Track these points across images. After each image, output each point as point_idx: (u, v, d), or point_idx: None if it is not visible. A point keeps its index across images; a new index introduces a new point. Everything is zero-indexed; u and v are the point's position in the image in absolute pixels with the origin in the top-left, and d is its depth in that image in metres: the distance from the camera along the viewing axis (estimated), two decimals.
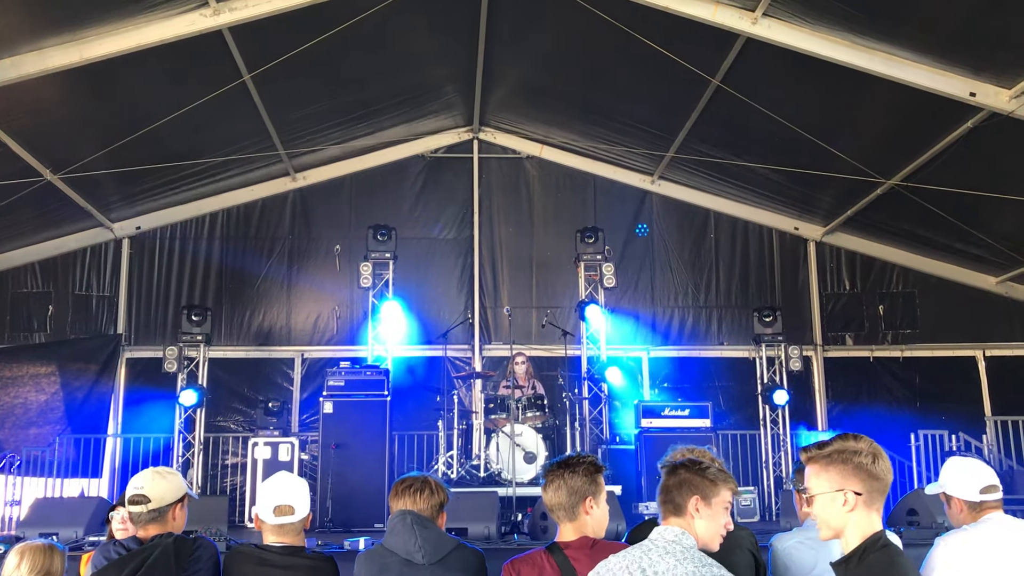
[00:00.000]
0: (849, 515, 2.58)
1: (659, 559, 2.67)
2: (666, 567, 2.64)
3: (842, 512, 2.58)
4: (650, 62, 9.69)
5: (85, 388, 11.93)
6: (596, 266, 11.52)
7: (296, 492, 3.53)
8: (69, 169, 10.31)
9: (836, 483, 2.60)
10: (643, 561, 2.67)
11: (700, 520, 2.86)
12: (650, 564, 2.65)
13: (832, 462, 2.63)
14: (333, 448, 9.38)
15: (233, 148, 11.39)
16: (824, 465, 2.64)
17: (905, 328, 12.92)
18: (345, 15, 8.99)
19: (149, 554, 3.37)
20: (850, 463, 2.61)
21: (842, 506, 2.58)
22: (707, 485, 2.90)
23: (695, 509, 2.86)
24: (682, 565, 2.64)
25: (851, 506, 2.57)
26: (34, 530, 6.83)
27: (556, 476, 3.32)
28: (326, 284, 12.76)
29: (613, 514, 6.85)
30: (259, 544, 3.53)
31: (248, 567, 3.43)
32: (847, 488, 2.58)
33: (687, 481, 2.91)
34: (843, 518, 2.59)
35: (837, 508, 2.59)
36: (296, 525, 3.50)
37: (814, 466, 2.66)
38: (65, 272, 12.45)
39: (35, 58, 8.35)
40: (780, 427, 11.76)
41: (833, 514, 2.60)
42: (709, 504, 2.88)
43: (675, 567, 2.64)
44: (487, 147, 13.23)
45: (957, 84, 8.58)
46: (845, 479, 2.60)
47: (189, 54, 9.00)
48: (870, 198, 11.35)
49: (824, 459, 2.65)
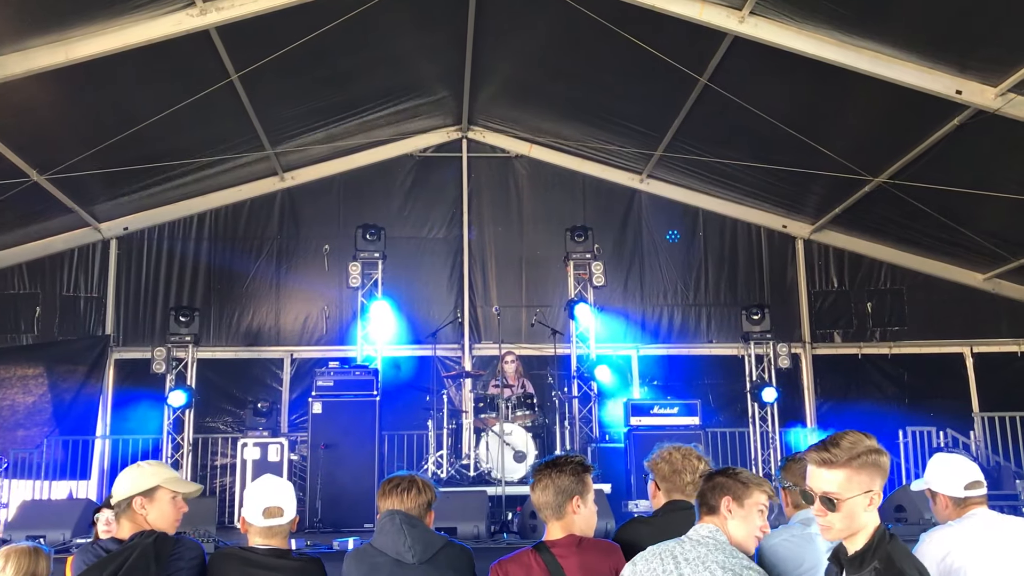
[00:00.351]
0: (868, 515, 2.57)
1: (691, 549, 2.87)
2: (697, 555, 2.83)
3: (867, 513, 2.57)
4: (638, 61, 9.70)
5: (73, 390, 11.88)
6: (585, 265, 11.52)
7: (284, 495, 3.51)
8: (56, 170, 10.26)
9: (866, 484, 2.57)
10: (676, 550, 2.88)
11: (733, 520, 3.01)
12: (682, 552, 2.86)
13: (864, 465, 2.58)
14: (322, 448, 9.36)
15: (221, 148, 11.36)
16: (856, 469, 2.57)
17: (893, 325, 12.97)
18: (333, 14, 8.96)
19: (128, 555, 3.31)
20: (877, 465, 2.60)
21: (868, 507, 2.56)
22: (739, 487, 3.05)
23: (727, 509, 3.01)
24: (712, 554, 2.83)
25: (875, 505, 2.57)
26: (21, 532, 6.80)
27: (544, 475, 3.35)
28: (315, 284, 12.74)
29: (602, 512, 6.86)
30: (244, 546, 3.51)
31: (233, 569, 3.41)
32: (875, 488, 2.58)
33: (720, 484, 3.08)
34: (866, 519, 2.57)
35: (862, 509, 2.56)
36: (284, 527, 3.48)
37: (844, 470, 2.58)
38: (53, 273, 12.40)
39: (20, 58, 8.31)
40: (769, 424, 11.79)
41: (860, 516, 2.56)
42: (742, 505, 3.02)
43: (706, 555, 2.83)
44: (476, 146, 13.22)
45: (943, 82, 8.62)
46: (873, 479, 2.58)
47: (176, 54, 8.96)
48: (858, 196, 11.38)
49: (855, 462, 2.58)
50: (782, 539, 3.53)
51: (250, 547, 3.46)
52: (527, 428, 9.72)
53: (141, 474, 3.58)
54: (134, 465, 3.65)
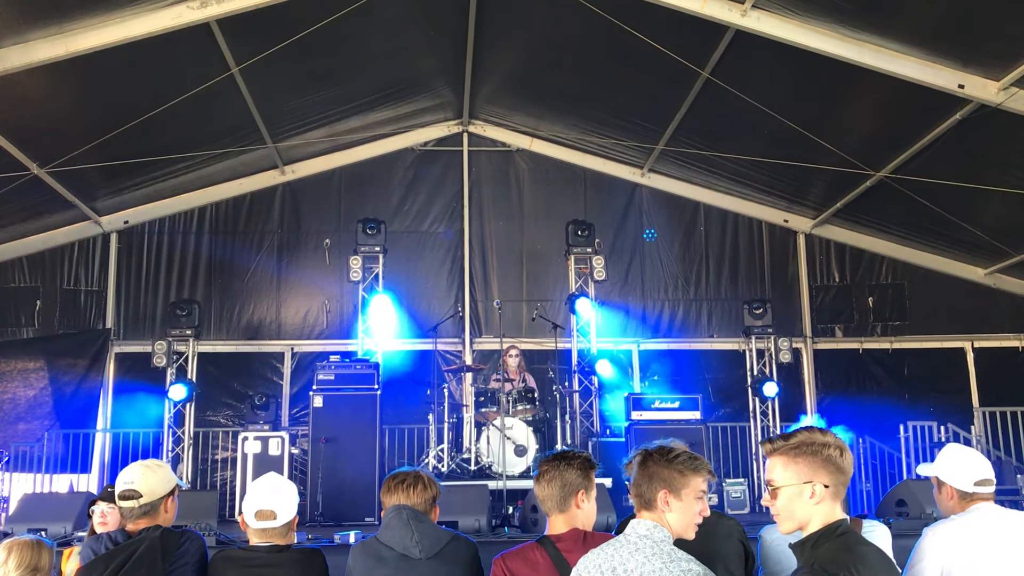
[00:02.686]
0: (816, 508, 2.55)
1: (629, 556, 2.65)
2: (635, 564, 2.62)
3: (809, 505, 2.55)
4: (639, 54, 9.68)
5: (74, 383, 11.89)
6: (586, 259, 11.50)
7: (279, 496, 3.44)
8: (56, 163, 10.25)
9: (804, 475, 2.56)
10: (614, 559, 2.66)
11: (671, 513, 2.80)
12: (620, 563, 2.64)
13: (801, 454, 2.58)
14: (323, 442, 9.36)
15: (222, 141, 11.35)
16: (792, 457, 2.59)
17: (894, 320, 12.97)
18: (334, 7, 8.95)
19: (136, 548, 3.35)
20: (819, 455, 2.57)
21: (809, 499, 2.54)
22: (675, 478, 2.82)
23: (664, 503, 2.80)
24: (650, 562, 2.61)
25: (818, 499, 2.54)
26: (22, 526, 6.80)
27: (552, 468, 3.33)
28: (316, 278, 12.72)
29: (604, 506, 6.89)
30: (244, 546, 3.50)
31: (233, 572, 3.40)
32: (816, 481, 2.55)
33: (655, 474, 2.84)
34: (809, 511, 2.55)
35: (804, 501, 2.55)
36: (279, 529, 3.42)
37: (781, 458, 2.61)
38: (53, 266, 12.39)
39: (20, 51, 8.29)
40: (770, 419, 11.78)
41: (800, 507, 2.56)
42: (679, 497, 2.81)
43: (643, 564, 2.61)
44: (477, 140, 13.19)
45: (946, 76, 8.60)
46: (814, 472, 2.56)
47: (176, 47, 8.94)
48: (859, 190, 11.37)
49: (792, 451, 2.59)
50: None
51: (250, 546, 3.45)
52: (528, 422, 9.71)
53: (166, 474, 3.63)
54: (147, 464, 3.64)
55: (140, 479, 3.53)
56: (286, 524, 3.44)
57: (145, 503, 3.50)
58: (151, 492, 3.52)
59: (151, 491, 3.52)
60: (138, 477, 3.54)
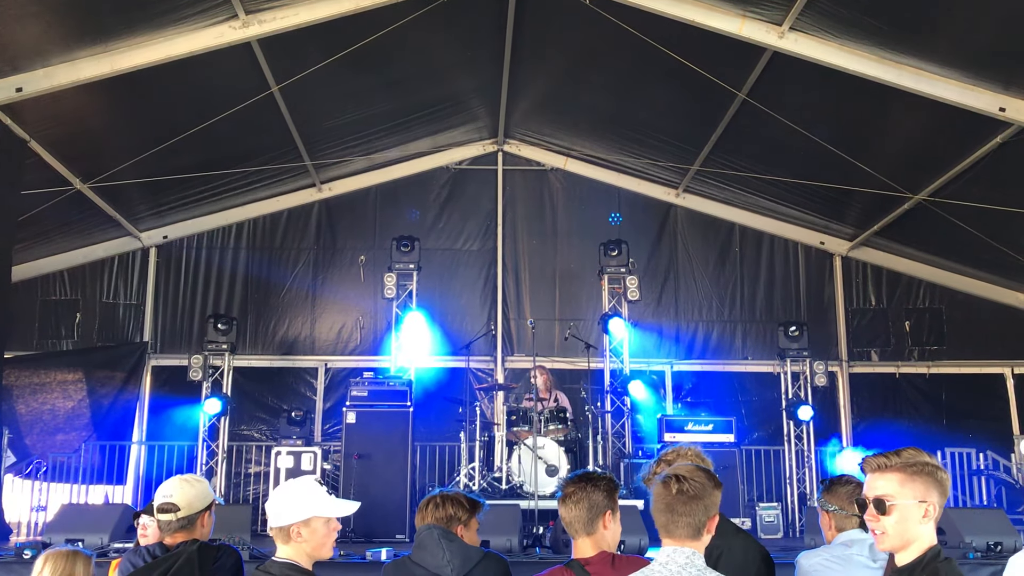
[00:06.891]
0: (923, 528, 2.55)
1: None
2: None
3: (919, 524, 2.55)
4: (676, 75, 9.68)
5: (111, 395, 12.04)
6: (620, 279, 11.49)
7: (280, 496, 3.29)
8: (98, 179, 10.45)
9: (920, 494, 2.56)
10: None
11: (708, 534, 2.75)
12: None
13: (918, 473, 2.57)
14: (355, 458, 9.40)
15: (260, 159, 11.49)
16: (911, 475, 2.57)
17: (932, 344, 12.79)
18: (372, 28, 9.05)
19: (173, 562, 3.39)
20: (934, 476, 2.58)
21: (922, 518, 2.54)
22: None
23: (707, 532, 2.73)
24: None
25: (930, 519, 2.55)
26: (60, 536, 6.90)
27: (578, 489, 3.29)
28: (350, 294, 12.81)
29: (636, 529, 6.85)
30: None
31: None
32: (930, 500, 2.56)
33: (712, 505, 2.77)
34: (918, 531, 2.55)
35: (915, 520, 2.54)
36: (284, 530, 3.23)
37: (898, 474, 2.59)
38: (93, 280, 12.59)
39: (67, 69, 8.50)
40: (804, 443, 11.66)
41: (911, 525, 2.55)
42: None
43: None
44: (511, 159, 13.25)
45: (986, 99, 8.51)
46: (928, 491, 2.56)
47: (218, 66, 9.10)
48: (897, 213, 11.26)
49: (910, 469, 2.59)
50: (822, 559, 3.48)
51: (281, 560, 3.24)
52: (560, 442, 9.68)
53: (204, 488, 3.64)
54: (186, 479, 3.64)
55: (178, 493, 3.57)
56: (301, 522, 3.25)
57: (183, 516, 3.54)
58: (189, 506, 3.56)
59: (189, 505, 3.56)
60: (176, 491, 3.58)
